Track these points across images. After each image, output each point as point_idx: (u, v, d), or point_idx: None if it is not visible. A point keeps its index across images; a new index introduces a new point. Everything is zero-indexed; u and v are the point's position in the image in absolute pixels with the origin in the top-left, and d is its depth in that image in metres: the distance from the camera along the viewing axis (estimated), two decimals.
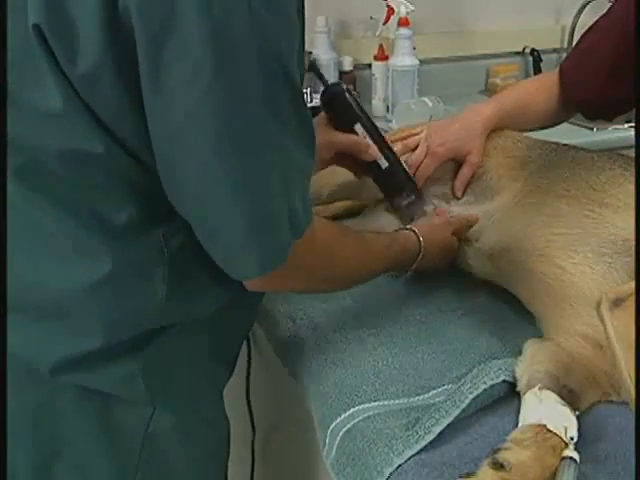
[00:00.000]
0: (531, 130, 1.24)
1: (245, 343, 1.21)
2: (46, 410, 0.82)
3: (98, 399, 0.82)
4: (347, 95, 1.06)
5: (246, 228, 0.73)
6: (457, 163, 1.18)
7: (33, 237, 0.77)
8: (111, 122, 0.71)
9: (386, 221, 1.19)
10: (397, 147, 1.20)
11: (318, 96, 1.09)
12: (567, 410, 0.76)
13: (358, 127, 1.05)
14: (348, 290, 1.06)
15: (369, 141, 1.06)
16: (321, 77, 1.08)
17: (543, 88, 1.24)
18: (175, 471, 0.90)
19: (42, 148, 0.72)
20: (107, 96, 0.68)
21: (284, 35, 0.69)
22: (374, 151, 1.06)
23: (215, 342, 0.91)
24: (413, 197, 1.11)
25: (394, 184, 1.11)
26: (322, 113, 1.07)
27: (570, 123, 1.33)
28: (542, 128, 1.27)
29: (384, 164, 1.07)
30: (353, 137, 1.05)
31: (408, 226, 1.06)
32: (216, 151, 0.69)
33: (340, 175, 1.24)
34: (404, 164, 1.12)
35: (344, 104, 1.05)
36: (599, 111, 1.24)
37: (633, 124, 1.30)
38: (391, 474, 0.75)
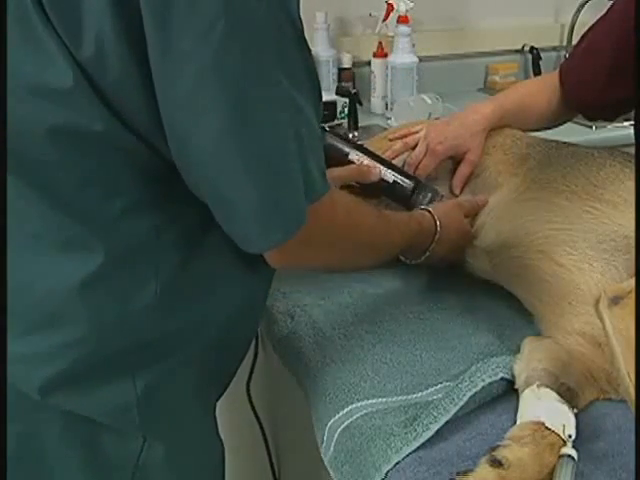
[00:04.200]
0: (532, 130, 1.24)
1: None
2: (30, 443, 0.79)
3: (86, 430, 0.79)
4: (328, 137, 1.06)
5: (264, 192, 0.70)
6: (456, 161, 1.18)
7: (19, 233, 0.74)
8: (117, 98, 0.67)
9: None
10: (396, 145, 1.20)
11: None
12: (565, 408, 0.76)
13: (352, 155, 1.06)
14: (347, 287, 1.06)
15: (368, 162, 1.06)
16: None
17: (544, 88, 1.24)
18: None
19: (34, 127, 0.69)
20: (114, 69, 0.65)
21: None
22: (377, 170, 1.05)
23: (213, 368, 0.88)
24: (430, 194, 1.09)
25: (407, 192, 1.10)
26: None
27: (570, 121, 1.33)
28: (544, 128, 1.27)
29: (390, 178, 1.07)
30: (352, 167, 1.04)
31: (423, 207, 1.04)
32: (231, 112, 0.66)
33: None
34: (404, 168, 1.11)
35: (330, 146, 1.06)
36: (600, 112, 1.24)
37: (633, 122, 1.30)
38: (389, 471, 0.75)
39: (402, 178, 1.08)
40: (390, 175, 1.06)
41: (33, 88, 0.68)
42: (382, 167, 1.06)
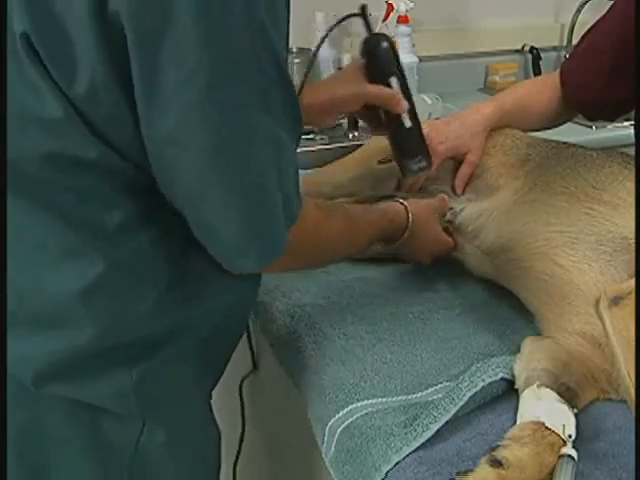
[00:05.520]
0: (532, 130, 1.24)
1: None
2: (33, 429, 0.80)
3: (87, 414, 0.81)
4: (391, 46, 1.04)
5: (243, 227, 0.73)
6: (456, 161, 1.18)
7: (23, 243, 0.76)
8: (108, 130, 0.70)
9: None
10: None
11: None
12: (565, 408, 0.76)
13: (394, 81, 1.03)
14: (347, 287, 1.06)
15: (401, 96, 1.04)
16: (367, 24, 1.07)
17: (544, 89, 1.24)
18: None
19: (29, 152, 0.71)
20: (105, 105, 0.68)
21: (277, 31, 0.69)
22: (405, 105, 1.03)
23: (208, 358, 0.90)
24: (425, 164, 1.08)
25: (411, 145, 1.07)
26: (355, 63, 1.07)
27: (570, 121, 1.33)
28: (544, 129, 1.27)
29: (408, 123, 1.05)
30: (387, 89, 1.03)
31: (400, 200, 1.05)
32: (212, 151, 0.69)
33: (341, 173, 1.24)
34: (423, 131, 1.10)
35: (387, 55, 1.04)
36: (600, 112, 1.24)
37: (633, 122, 1.30)
38: (389, 471, 0.75)
39: (418, 134, 1.07)
40: (408, 121, 1.05)
41: (26, 118, 0.70)
42: (409, 112, 1.05)
